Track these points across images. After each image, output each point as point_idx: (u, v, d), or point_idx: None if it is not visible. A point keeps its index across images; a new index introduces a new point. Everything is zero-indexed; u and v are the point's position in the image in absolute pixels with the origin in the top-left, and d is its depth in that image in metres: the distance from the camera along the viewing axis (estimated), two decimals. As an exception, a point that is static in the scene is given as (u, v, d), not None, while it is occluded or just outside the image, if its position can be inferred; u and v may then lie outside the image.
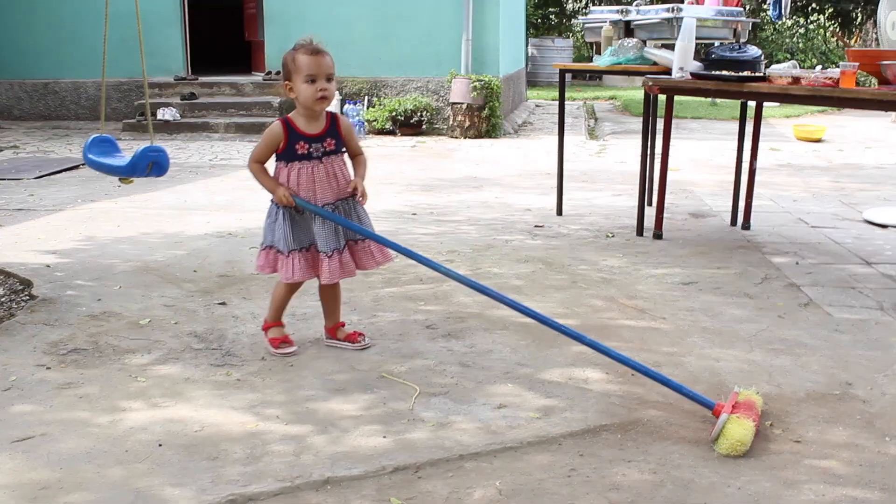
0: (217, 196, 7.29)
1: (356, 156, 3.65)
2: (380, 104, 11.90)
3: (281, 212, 3.53)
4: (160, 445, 2.79)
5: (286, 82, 3.47)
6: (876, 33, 5.66)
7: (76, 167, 8.74)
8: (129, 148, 5.29)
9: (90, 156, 4.88)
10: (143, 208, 6.71)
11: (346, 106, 11.55)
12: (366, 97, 12.12)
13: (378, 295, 4.42)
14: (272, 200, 3.55)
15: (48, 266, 4.96)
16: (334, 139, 3.54)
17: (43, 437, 2.85)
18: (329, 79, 3.43)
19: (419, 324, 3.98)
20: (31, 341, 3.73)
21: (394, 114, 11.55)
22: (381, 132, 11.66)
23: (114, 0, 5.14)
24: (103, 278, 4.72)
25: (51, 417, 2.99)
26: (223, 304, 4.28)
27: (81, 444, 2.80)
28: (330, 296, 3.73)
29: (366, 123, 11.65)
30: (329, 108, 3.57)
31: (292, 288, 3.68)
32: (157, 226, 6.05)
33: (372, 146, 10.66)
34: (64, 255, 5.21)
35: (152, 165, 4.53)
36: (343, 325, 3.78)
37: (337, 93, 11.88)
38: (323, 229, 3.50)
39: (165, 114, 11.49)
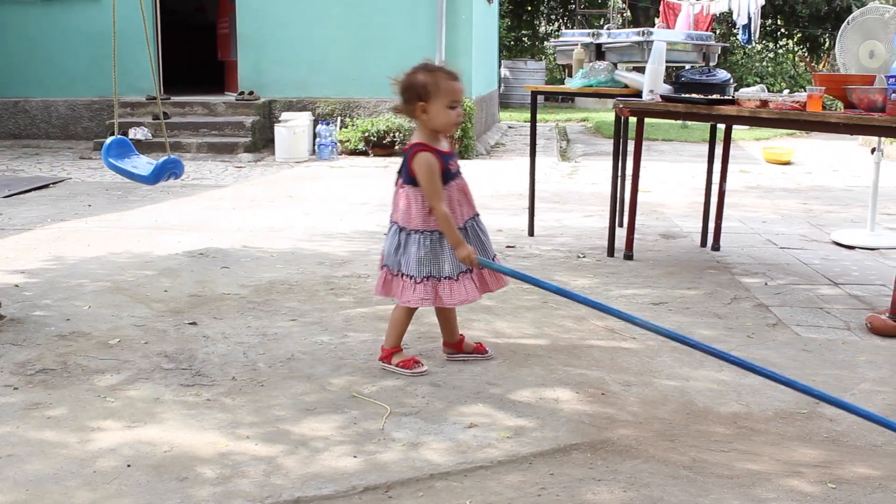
0: (188, 216, 7.26)
1: None
2: (352, 125, 11.91)
3: (440, 240, 3.51)
4: (129, 466, 2.77)
5: (420, 104, 3.44)
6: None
7: (46, 186, 8.68)
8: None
9: (110, 160, 5.20)
10: (114, 228, 6.67)
11: (319, 126, 11.54)
12: (338, 118, 12.13)
13: (349, 315, 4.41)
14: (415, 231, 3.52)
15: (16, 286, 4.92)
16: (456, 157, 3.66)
17: (9, 458, 2.82)
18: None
19: (391, 344, 3.98)
20: (-2, 361, 3.69)
21: (366, 134, 11.56)
22: (354, 152, 11.66)
23: (86, 20, 5.16)
24: (72, 298, 4.69)
25: (18, 438, 2.96)
26: (194, 324, 4.26)
27: (49, 465, 2.77)
28: (452, 312, 3.77)
29: (338, 144, 11.65)
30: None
31: (413, 311, 3.69)
32: (127, 245, 6.02)
33: (344, 166, 10.67)
34: (33, 275, 5.17)
35: (170, 175, 5.39)
36: (464, 337, 3.83)
37: (310, 113, 11.94)
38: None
39: (137, 133, 11.43)
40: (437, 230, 3.50)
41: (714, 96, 5.19)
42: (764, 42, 23.97)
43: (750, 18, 13.93)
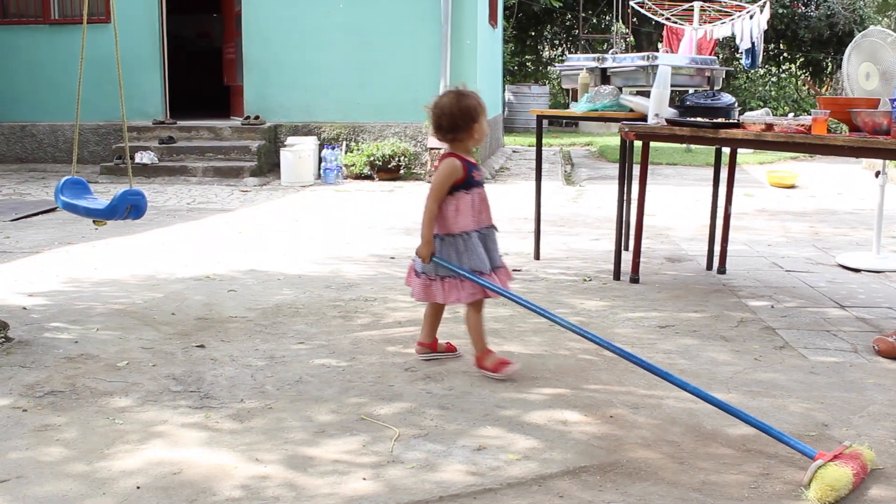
0: (194, 239, 7.28)
1: None
2: (358, 149, 11.96)
3: (453, 242, 3.86)
4: (138, 488, 2.77)
5: (475, 125, 3.80)
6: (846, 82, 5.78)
7: (53, 210, 8.71)
8: (108, 191, 5.32)
9: (63, 198, 4.92)
10: (121, 251, 6.69)
11: (324, 151, 11.59)
12: (344, 142, 12.19)
13: (357, 338, 4.42)
14: (444, 237, 3.87)
15: (24, 308, 4.93)
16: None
17: (18, 479, 2.82)
18: None
19: (398, 366, 3.98)
20: (6, 384, 3.70)
21: (372, 158, 11.61)
22: (359, 177, 11.71)
23: (92, 44, 5.19)
24: (80, 321, 4.70)
25: (27, 460, 2.96)
26: (201, 346, 4.26)
27: (58, 487, 2.77)
28: (440, 312, 4.06)
29: (343, 168, 11.71)
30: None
31: (478, 309, 3.92)
32: (134, 269, 6.03)
33: (350, 190, 10.71)
34: (40, 298, 5.19)
35: (131, 208, 4.63)
36: (437, 339, 4.11)
37: (315, 137, 11.99)
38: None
39: (143, 157, 11.50)
40: (450, 233, 3.85)
41: (719, 120, 5.21)
42: (767, 66, 24.07)
43: (753, 43, 13.99)
